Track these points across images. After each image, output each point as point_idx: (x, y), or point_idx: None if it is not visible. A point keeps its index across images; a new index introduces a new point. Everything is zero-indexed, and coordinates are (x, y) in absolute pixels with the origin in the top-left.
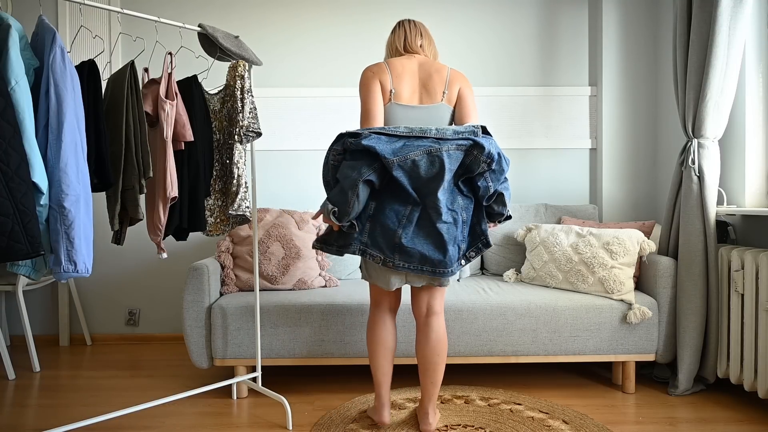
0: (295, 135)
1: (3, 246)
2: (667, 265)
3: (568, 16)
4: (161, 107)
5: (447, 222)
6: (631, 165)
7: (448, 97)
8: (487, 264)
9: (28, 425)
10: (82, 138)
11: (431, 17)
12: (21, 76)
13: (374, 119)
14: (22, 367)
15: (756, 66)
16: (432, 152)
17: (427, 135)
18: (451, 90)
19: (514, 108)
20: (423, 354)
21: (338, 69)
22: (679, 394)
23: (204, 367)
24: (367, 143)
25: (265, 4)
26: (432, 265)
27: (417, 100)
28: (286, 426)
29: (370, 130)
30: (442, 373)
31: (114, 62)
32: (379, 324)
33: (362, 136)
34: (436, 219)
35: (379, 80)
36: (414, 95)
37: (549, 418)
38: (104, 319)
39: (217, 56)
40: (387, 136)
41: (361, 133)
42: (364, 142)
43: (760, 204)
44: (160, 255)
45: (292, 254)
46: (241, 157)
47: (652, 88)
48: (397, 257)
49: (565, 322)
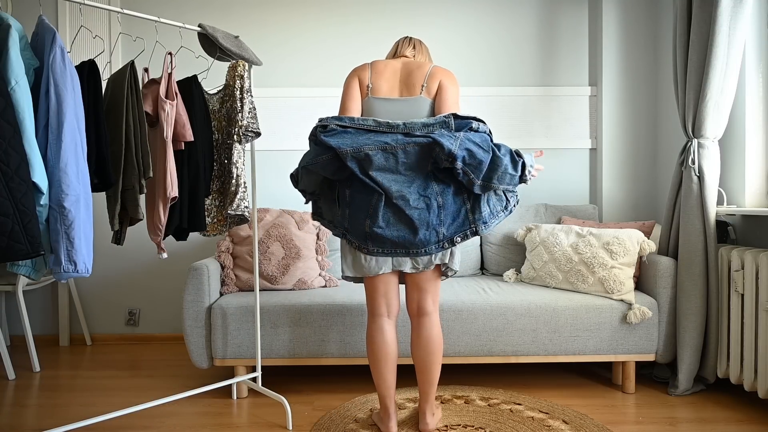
0: (295, 135)
1: (3, 246)
2: (667, 265)
3: (568, 16)
4: (161, 107)
5: (418, 208)
6: (631, 165)
7: (427, 90)
8: (487, 264)
9: (28, 425)
10: (82, 138)
11: (431, 17)
12: (21, 76)
13: (345, 112)
14: (22, 367)
15: (756, 66)
16: (387, 149)
17: (394, 130)
18: (431, 83)
19: (514, 108)
20: (416, 354)
21: (338, 69)
22: (679, 394)
23: (204, 367)
24: (325, 138)
25: (265, 4)
26: (404, 247)
27: (397, 94)
28: (286, 426)
29: (339, 121)
30: (438, 372)
31: (114, 62)
32: (377, 334)
33: (327, 130)
34: (405, 206)
35: (357, 77)
36: (394, 90)
37: (549, 418)
38: (104, 319)
39: (216, 56)
40: (355, 129)
41: (328, 126)
42: (324, 138)
43: (760, 204)
44: (160, 255)
45: (292, 254)
46: (240, 157)
47: (652, 88)
48: (369, 243)
49: (565, 322)
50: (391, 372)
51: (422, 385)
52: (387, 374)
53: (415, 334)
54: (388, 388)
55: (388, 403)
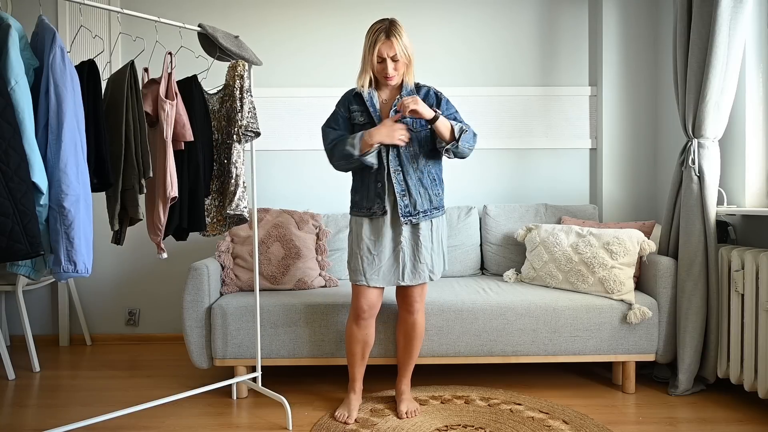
0: (295, 135)
1: (3, 246)
2: (667, 265)
3: (568, 16)
4: (161, 107)
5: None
6: (631, 165)
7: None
8: (487, 264)
9: (28, 425)
10: (81, 138)
11: (431, 17)
12: (21, 76)
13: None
14: (22, 367)
15: (756, 66)
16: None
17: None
18: None
19: (514, 108)
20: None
21: (338, 69)
22: (679, 394)
23: (204, 367)
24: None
25: (265, 4)
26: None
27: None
28: (286, 426)
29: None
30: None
31: (114, 62)
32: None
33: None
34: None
35: None
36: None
37: (549, 418)
38: (104, 319)
39: (216, 56)
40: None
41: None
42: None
43: (760, 204)
44: (160, 255)
45: (292, 254)
46: (240, 157)
47: (652, 88)
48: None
49: (565, 322)
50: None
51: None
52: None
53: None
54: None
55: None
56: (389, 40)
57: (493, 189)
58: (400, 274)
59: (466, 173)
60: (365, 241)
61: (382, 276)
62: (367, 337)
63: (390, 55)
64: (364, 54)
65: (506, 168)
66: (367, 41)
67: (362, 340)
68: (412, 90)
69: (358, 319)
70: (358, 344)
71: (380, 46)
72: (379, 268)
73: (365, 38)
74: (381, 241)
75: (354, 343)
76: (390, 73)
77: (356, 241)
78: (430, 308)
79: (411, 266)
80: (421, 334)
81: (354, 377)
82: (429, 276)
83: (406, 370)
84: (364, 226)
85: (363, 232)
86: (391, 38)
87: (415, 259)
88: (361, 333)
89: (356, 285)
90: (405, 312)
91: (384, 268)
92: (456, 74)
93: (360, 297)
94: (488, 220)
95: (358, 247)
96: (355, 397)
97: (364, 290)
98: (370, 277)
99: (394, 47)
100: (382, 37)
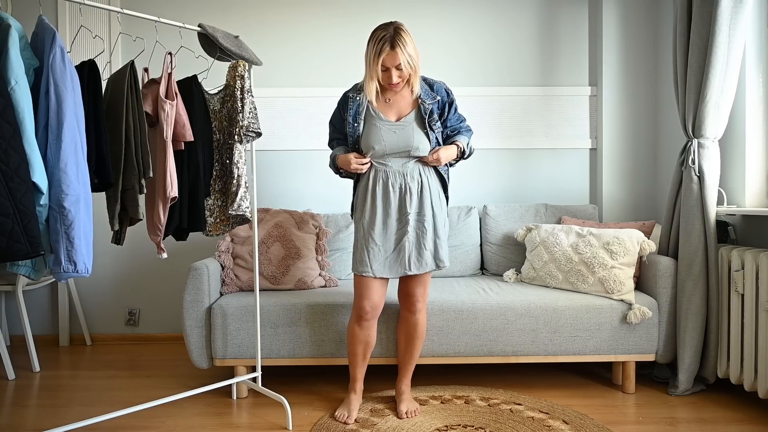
0: (295, 135)
1: (3, 246)
2: (667, 265)
3: (568, 16)
4: (161, 107)
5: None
6: (631, 165)
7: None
8: (487, 264)
9: (28, 425)
10: (82, 138)
11: (431, 18)
12: (21, 76)
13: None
14: (22, 367)
15: (756, 66)
16: None
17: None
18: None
19: (514, 108)
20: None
21: (338, 69)
22: (679, 394)
23: (204, 367)
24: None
25: (265, 4)
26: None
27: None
28: (286, 426)
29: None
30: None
31: (114, 62)
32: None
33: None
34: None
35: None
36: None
37: (549, 418)
38: (104, 319)
39: (217, 56)
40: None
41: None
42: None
43: (760, 204)
44: (160, 255)
45: (292, 254)
46: (241, 157)
47: (652, 88)
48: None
49: (565, 322)
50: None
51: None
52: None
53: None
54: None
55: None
56: (394, 51)
57: (493, 189)
58: (406, 263)
59: (466, 173)
60: (372, 230)
61: (388, 267)
62: (369, 338)
63: (394, 65)
64: (367, 61)
65: (506, 168)
66: (371, 50)
67: (364, 341)
68: (419, 95)
69: (361, 320)
70: (359, 345)
71: (384, 58)
72: (385, 259)
73: (368, 44)
74: (386, 231)
75: (356, 344)
76: (395, 80)
77: (361, 231)
78: (430, 308)
79: (416, 254)
80: (423, 335)
81: (355, 377)
82: (436, 263)
83: (406, 370)
84: (368, 215)
85: (367, 222)
86: (396, 49)
87: (420, 246)
88: (363, 334)
89: (360, 277)
90: (407, 311)
91: (390, 259)
92: (456, 74)
93: (363, 298)
94: (488, 220)
95: (363, 238)
96: (356, 397)
97: (367, 289)
98: (376, 269)
99: (398, 58)
100: (387, 48)
